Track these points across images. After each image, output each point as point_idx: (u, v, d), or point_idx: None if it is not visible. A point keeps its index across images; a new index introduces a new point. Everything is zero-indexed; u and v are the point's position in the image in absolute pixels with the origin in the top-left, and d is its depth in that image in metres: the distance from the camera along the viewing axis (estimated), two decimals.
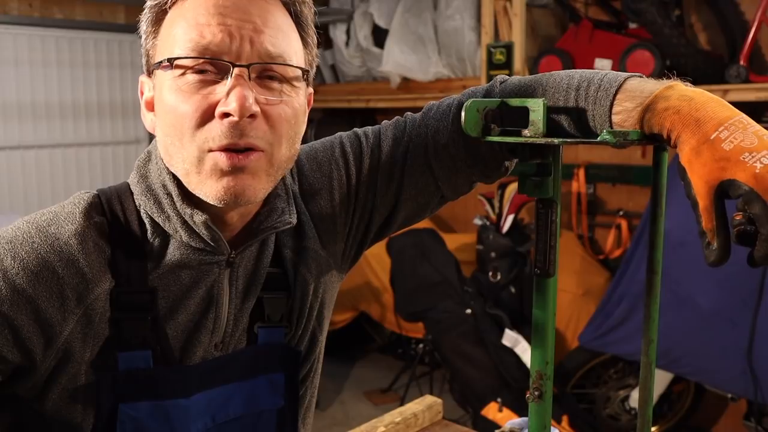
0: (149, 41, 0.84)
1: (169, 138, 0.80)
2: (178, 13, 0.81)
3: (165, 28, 0.82)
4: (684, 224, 1.90)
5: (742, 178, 0.65)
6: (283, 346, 0.95)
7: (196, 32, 0.78)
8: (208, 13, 0.78)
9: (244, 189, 0.79)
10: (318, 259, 0.98)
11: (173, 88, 0.79)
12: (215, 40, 0.77)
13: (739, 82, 2.79)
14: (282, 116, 0.81)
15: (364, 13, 4.12)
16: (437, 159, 0.95)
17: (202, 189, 0.80)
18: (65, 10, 4.00)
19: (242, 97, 0.76)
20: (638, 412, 0.85)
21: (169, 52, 0.80)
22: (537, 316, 0.83)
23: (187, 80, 0.78)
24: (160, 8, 0.82)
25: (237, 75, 0.77)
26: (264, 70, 0.80)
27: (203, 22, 0.78)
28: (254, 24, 0.79)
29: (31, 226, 0.82)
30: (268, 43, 0.79)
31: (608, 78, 0.80)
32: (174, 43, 0.79)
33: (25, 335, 0.78)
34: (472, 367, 3.14)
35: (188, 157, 0.79)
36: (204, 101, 0.78)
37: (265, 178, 0.82)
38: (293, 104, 0.83)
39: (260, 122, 0.79)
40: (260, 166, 0.80)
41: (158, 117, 0.83)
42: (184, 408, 0.86)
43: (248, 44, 0.78)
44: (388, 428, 1.26)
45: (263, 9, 0.80)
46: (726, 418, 3.20)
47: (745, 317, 2.47)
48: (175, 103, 0.79)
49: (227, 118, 0.76)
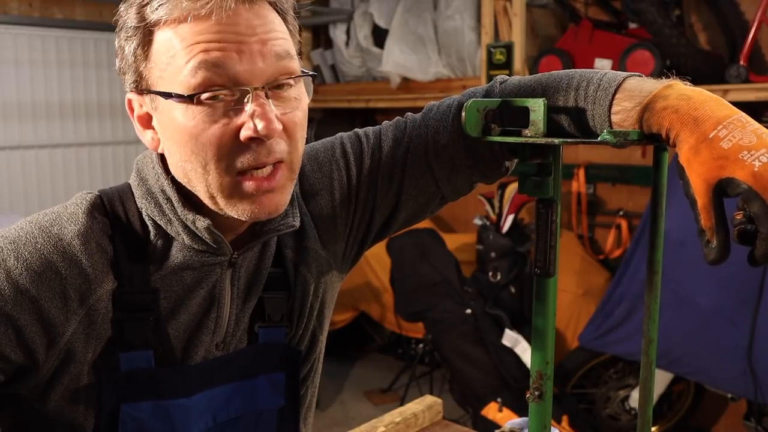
0: (140, 62, 0.80)
1: (189, 164, 0.79)
2: (171, 32, 0.77)
3: (158, 50, 0.78)
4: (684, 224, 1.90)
5: (741, 176, 0.65)
6: (283, 345, 0.96)
7: (200, 50, 0.75)
8: (209, 31, 0.75)
9: (276, 207, 0.81)
10: (318, 259, 0.98)
11: (189, 116, 0.77)
12: (223, 57, 0.75)
13: (739, 82, 2.79)
14: (297, 123, 0.82)
15: (364, 13, 4.12)
16: (437, 159, 0.95)
17: (233, 210, 0.80)
18: (65, 10, 4.00)
19: (269, 120, 0.75)
20: (638, 412, 0.85)
21: (171, 75, 0.77)
22: (537, 316, 0.83)
23: (204, 107, 0.76)
24: (147, 29, 0.78)
25: (257, 96, 0.76)
26: (276, 81, 0.79)
27: (205, 39, 0.75)
28: (258, 35, 0.77)
29: (34, 226, 0.82)
30: (276, 48, 0.78)
31: (607, 77, 0.80)
32: (176, 68, 0.76)
33: (28, 335, 0.78)
34: (472, 367, 3.14)
35: (213, 183, 0.79)
36: (226, 128, 0.76)
37: (289, 185, 0.84)
38: (303, 106, 0.83)
39: (281, 135, 0.79)
40: (285, 178, 0.82)
41: (172, 143, 0.80)
42: (185, 408, 0.86)
43: (259, 58, 0.77)
44: (388, 428, 1.26)
45: (262, 16, 0.78)
46: (726, 418, 3.20)
47: (745, 317, 2.47)
48: (194, 131, 0.77)
49: (254, 141, 0.76)
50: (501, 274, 3.23)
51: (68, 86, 4.02)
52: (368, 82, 4.33)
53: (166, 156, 0.83)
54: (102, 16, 4.13)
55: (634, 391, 3.04)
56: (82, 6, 4.05)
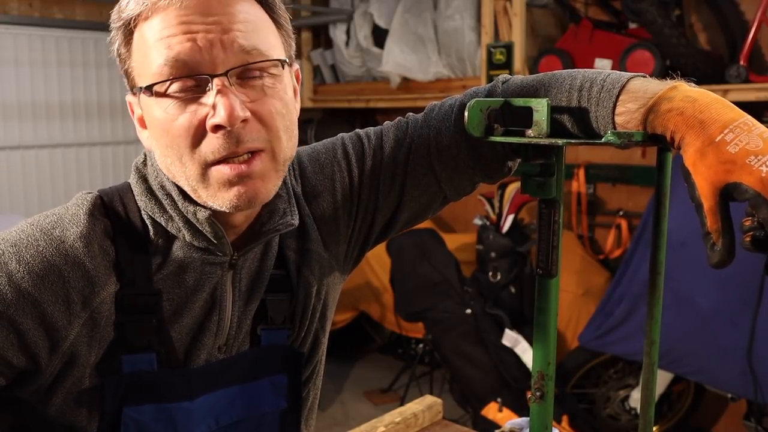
0: (126, 62, 0.82)
1: (168, 158, 0.80)
2: (145, 29, 0.78)
3: (136, 47, 0.80)
4: (684, 224, 1.90)
5: (748, 181, 0.65)
6: (286, 348, 0.95)
7: (164, 46, 0.76)
8: (171, 24, 0.76)
9: (256, 193, 0.80)
10: (321, 260, 0.98)
11: (160, 110, 0.78)
12: (184, 50, 0.75)
13: (739, 82, 2.79)
14: (273, 111, 0.80)
15: (364, 13, 4.12)
16: (439, 160, 0.95)
17: (214, 201, 0.80)
18: (65, 10, 3.99)
19: (229, 107, 0.75)
20: (640, 413, 0.84)
21: (146, 73, 0.79)
22: (539, 316, 0.83)
23: (171, 100, 0.77)
24: (126, 28, 0.80)
25: (218, 84, 0.76)
26: (243, 70, 0.78)
27: (169, 34, 0.76)
28: (220, 24, 0.77)
29: (36, 228, 0.81)
30: (240, 39, 0.77)
31: (611, 78, 0.80)
32: (148, 64, 0.78)
33: (31, 339, 0.78)
34: (472, 367, 3.14)
35: (192, 175, 0.79)
36: (193, 118, 0.77)
37: (274, 175, 0.82)
38: (280, 95, 0.82)
39: (253, 124, 0.78)
40: (266, 167, 0.80)
41: (153, 138, 0.82)
42: (187, 411, 0.86)
43: (220, 47, 0.76)
44: (388, 428, 1.26)
45: (227, 5, 0.78)
46: (726, 418, 3.20)
47: (745, 317, 2.47)
48: (165, 125, 0.78)
49: (220, 130, 0.76)
50: (501, 274, 3.23)
51: (68, 86, 4.02)
52: (368, 82, 4.32)
53: (156, 157, 0.84)
54: (102, 16, 4.12)
55: (634, 391, 3.04)
56: (82, 6, 4.05)
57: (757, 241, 0.66)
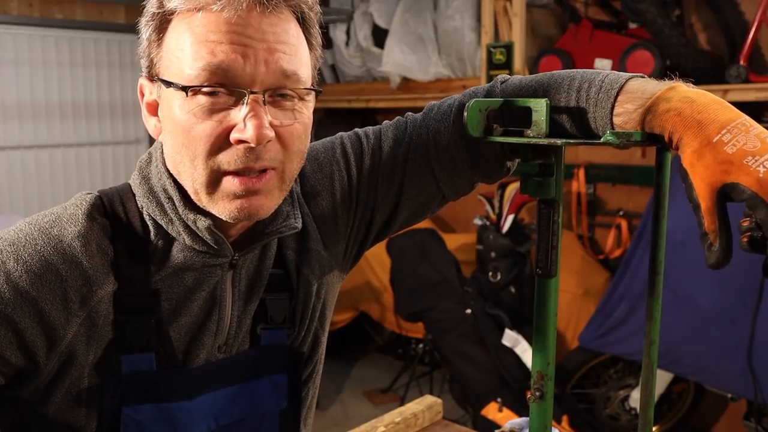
0: (153, 48, 0.82)
1: (179, 156, 0.80)
2: (185, 24, 0.78)
3: (170, 37, 0.79)
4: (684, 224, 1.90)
5: (746, 182, 0.65)
6: (286, 347, 0.95)
7: (207, 50, 0.75)
8: (219, 30, 0.75)
9: (258, 209, 0.80)
10: (320, 260, 0.98)
11: (185, 109, 0.77)
12: (228, 60, 0.75)
13: (739, 82, 2.79)
14: (294, 135, 0.81)
15: (364, 13, 4.12)
16: (438, 160, 0.95)
17: (214, 207, 0.80)
18: (65, 10, 4.00)
19: (259, 126, 0.75)
20: (640, 413, 0.85)
21: (177, 67, 0.78)
22: (538, 316, 0.83)
23: (200, 102, 0.77)
24: (164, 16, 0.79)
25: (252, 101, 0.76)
26: (278, 89, 0.79)
27: (215, 39, 0.75)
28: (268, 43, 0.77)
29: (34, 228, 0.82)
30: (282, 62, 0.78)
31: (609, 79, 0.80)
32: (183, 59, 0.77)
33: (29, 338, 0.78)
34: (472, 367, 3.14)
35: (200, 179, 0.79)
36: (219, 126, 0.77)
37: (278, 193, 0.83)
38: (304, 119, 0.83)
39: (274, 143, 0.79)
40: (273, 185, 0.81)
41: (167, 132, 0.82)
42: (187, 410, 0.86)
43: (263, 66, 0.76)
44: (388, 428, 1.27)
45: (275, 24, 0.78)
46: (726, 418, 3.20)
47: (745, 317, 2.47)
48: (187, 125, 0.77)
49: (243, 144, 0.76)
50: (501, 274, 3.23)
51: (68, 86, 4.02)
52: (368, 82, 4.33)
53: (163, 145, 0.84)
54: (102, 16, 4.13)
55: (634, 391, 3.04)
56: (82, 6, 4.05)
57: (755, 241, 0.66)
